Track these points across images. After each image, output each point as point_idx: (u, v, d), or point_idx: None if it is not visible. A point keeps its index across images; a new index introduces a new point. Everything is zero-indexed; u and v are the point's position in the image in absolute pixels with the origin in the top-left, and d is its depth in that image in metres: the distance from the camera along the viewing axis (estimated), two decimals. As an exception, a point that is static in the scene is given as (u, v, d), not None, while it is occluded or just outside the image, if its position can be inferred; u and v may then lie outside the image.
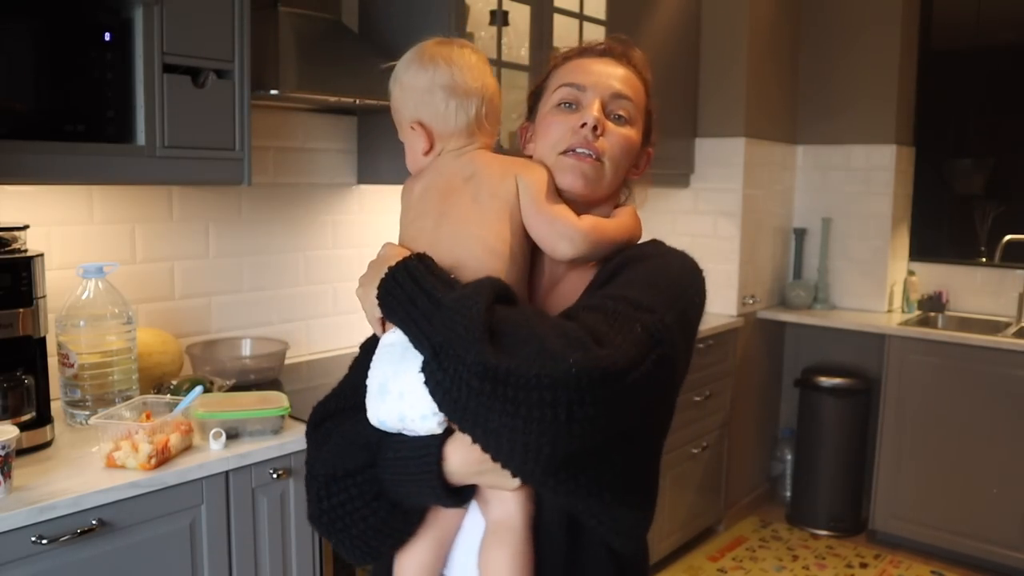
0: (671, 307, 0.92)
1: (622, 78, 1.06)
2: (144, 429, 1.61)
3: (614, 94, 1.05)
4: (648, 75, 1.11)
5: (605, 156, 1.03)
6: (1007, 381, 3.24)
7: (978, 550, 3.35)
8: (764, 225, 3.82)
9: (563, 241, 0.99)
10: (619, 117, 1.05)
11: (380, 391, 0.95)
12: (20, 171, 1.56)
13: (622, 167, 1.05)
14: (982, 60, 4.03)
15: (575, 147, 1.02)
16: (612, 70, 1.06)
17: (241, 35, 1.87)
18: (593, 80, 1.05)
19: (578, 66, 1.07)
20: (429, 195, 1.05)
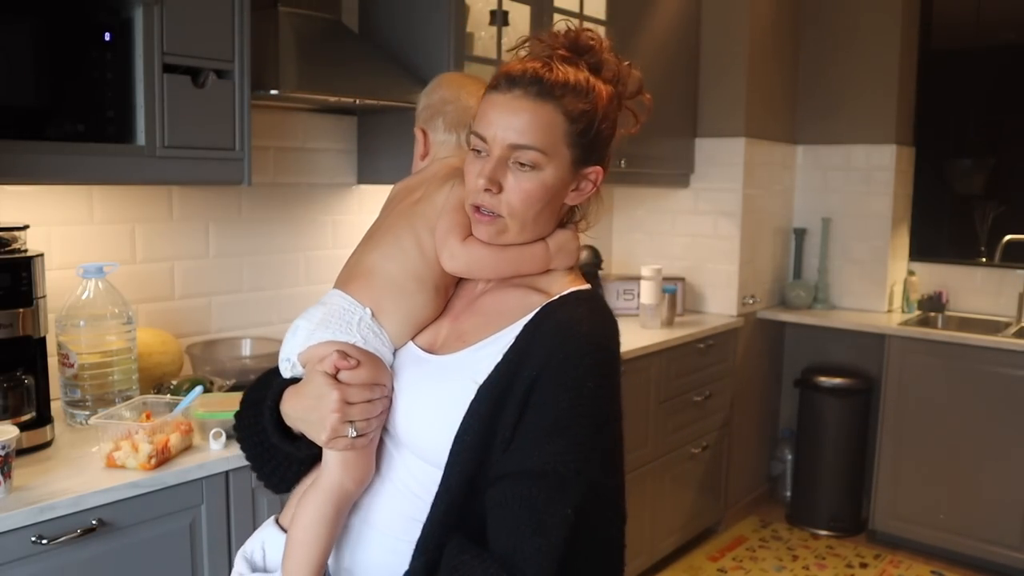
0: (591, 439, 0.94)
1: (523, 125, 0.98)
2: (144, 429, 1.61)
3: (511, 146, 0.99)
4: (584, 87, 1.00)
5: (504, 213, 1.01)
6: (1007, 381, 3.24)
7: (978, 550, 3.35)
8: (764, 225, 3.82)
9: (444, 254, 1.06)
10: (521, 165, 0.99)
11: (292, 327, 1.09)
12: (20, 171, 1.56)
13: (531, 215, 1.01)
14: (982, 60, 4.03)
15: (477, 205, 1.02)
16: (512, 118, 0.98)
17: (241, 35, 1.87)
18: (492, 132, 0.99)
19: (486, 107, 1.01)
20: (397, 194, 1.20)
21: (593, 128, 1.01)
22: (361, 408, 1.02)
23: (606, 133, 1.03)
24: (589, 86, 1.00)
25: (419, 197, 1.13)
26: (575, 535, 0.91)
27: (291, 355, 1.07)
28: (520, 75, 0.99)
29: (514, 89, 0.99)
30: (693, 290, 3.72)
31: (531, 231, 1.04)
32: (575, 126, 0.99)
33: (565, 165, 1.01)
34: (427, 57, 2.41)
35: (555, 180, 1.01)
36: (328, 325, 1.05)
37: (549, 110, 0.98)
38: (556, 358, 0.96)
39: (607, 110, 1.02)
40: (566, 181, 1.02)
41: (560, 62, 1.00)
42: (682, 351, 3.21)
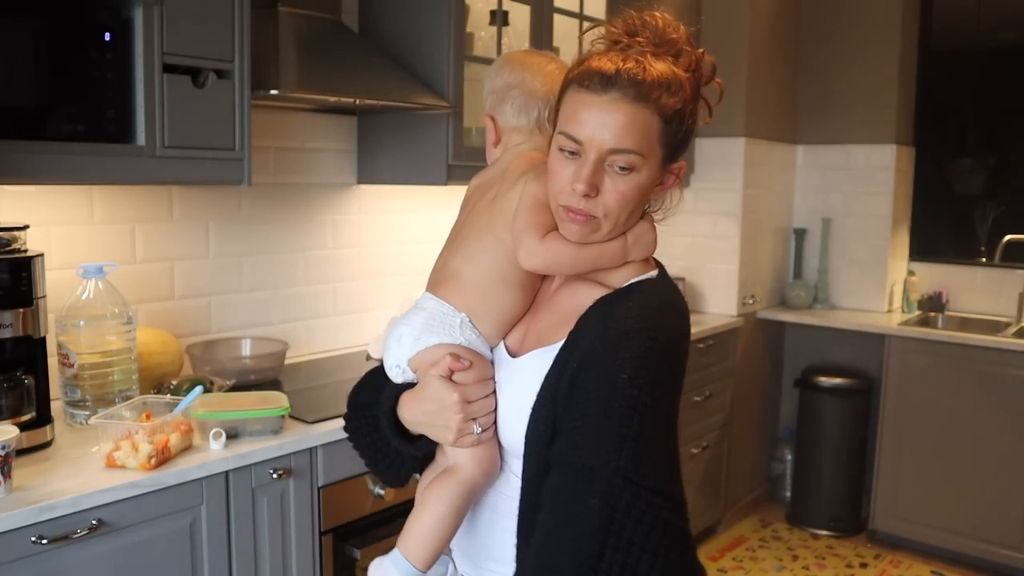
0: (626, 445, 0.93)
1: (620, 128, 0.96)
2: (144, 429, 1.61)
3: (610, 150, 0.97)
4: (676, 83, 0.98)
5: (600, 214, 1.01)
6: (1007, 381, 3.24)
7: (978, 550, 3.35)
8: (764, 225, 3.82)
9: (521, 252, 1.06)
10: (621, 168, 0.98)
11: (390, 328, 1.14)
12: (20, 171, 1.56)
13: (624, 215, 1.01)
14: (982, 60, 4.03)
15: (570, 206, 1.01)
16: (609, 118, 0.96)
17: (241, 35, 1.87)
18: (588, 134, 0.97)
19: (578, 108, 0.98)
20: (475, 191, 1.20)
21: (684, 125, 1.00)
22: (481, 404, 1.07)
23: (691, 127, 1.02)
24: (679, 82, 0.98)
25: (495, 195, 1.13)
26: (608, 523, 0.91)
27: (400, 361, 1.12)
28: (615, 76, 0.96)
29: (610, 91, 0.96)
30: (693, 290, 3.72)
31: (621, 229, 1.04)
32: (669, 126, 0.99)
33: (658, 164, 1.01)
34: (427, 57, 2.41)
35: (649, 180, 1.01)
36: (432, 329, 1.09)
37: (647, 113, 0.97)
38: (594, 350, 0.97)
39: (692, 103, 1.01)
40: (657, 179, 1.03)
41: (651, 58, 0.98)
42: (682, 351, 3.20)
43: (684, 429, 3.29)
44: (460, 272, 1.11)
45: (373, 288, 2.71)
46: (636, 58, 0.98)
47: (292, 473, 1.80)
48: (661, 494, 0.95)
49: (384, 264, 2.74)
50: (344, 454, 1.88)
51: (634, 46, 1.00)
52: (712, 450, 3.51)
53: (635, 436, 0.93)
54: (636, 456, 0.93)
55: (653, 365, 0.96)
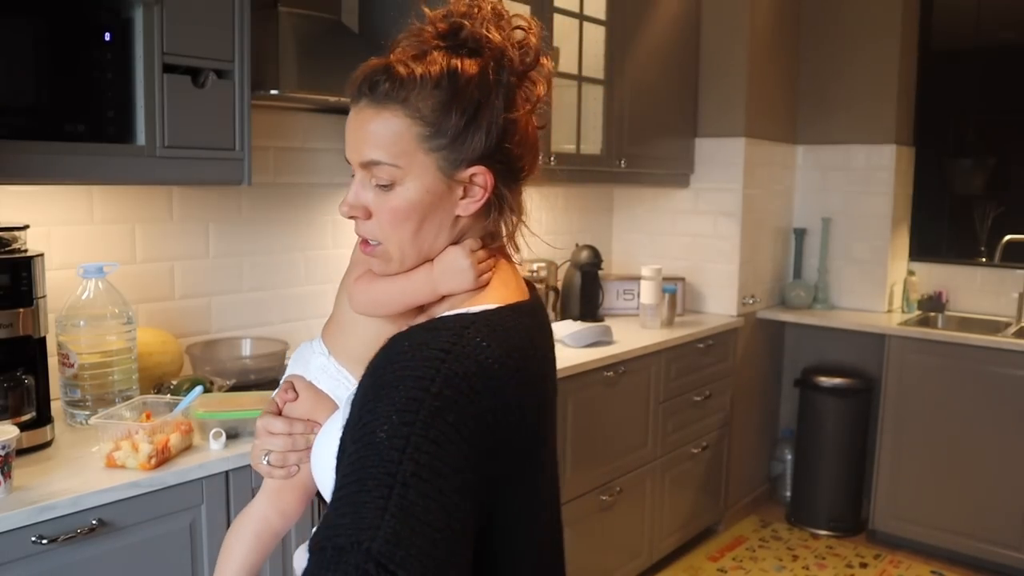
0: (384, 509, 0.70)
1: (371, 136, 0.85)
2: (144, 429, 1.61)
3: (363, 164, 0.87)
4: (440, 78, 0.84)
5: (379, 238, 0.89)
6: (1007, 381, 3.25)
7: (978, 550, 3.35)
8: (764, 225, 3.82)
9: (348, 297, 1.00)
10: (380, 185, 0.87)
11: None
12: (20, 171, 1.57)
13: (407, 235, 0.88)
14: (982, 60, 4.03)
15: (358, 234, 0.92)
16: (358, 132, 0.87)
17: (241, 35, 1.87)
18: (348, 151, 0.89)
19: (346, 125, 0.90)
20: None
21: (453, 123, 0.84)
22: (279, 440, 1.00)
23: (483, 123, 0.85)
24: (444, 75, 0.84)
25: None
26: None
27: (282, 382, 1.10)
28: (361, 80, 0.86)
29: (359, 100, 0.87)
30: (693, 290, 3.72)
31: (414, 253, 0.90)
32: (428, 128, 0.85)
33: (430, 174, 0.86)
34: (427, 57, 2.41)
35: (423, 193, 0.86)
36: (296, 362, 1.08)
37: (390, 116, 0.85)
38: (358, 401, 0.81)
39: (475, 96, 0.85)
40: (439, 192, 0.87)
41: (412, 57, 0.86)
42: (682, 351, 3.21)
43: (684, 429, 3.29)
44: (334, 310, 1.08)
45: (373, 288, 2.71)
46: (390, 58, 0.87)
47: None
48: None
49: (384, 264, 2.74)
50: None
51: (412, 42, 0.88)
52: (712, 450, 3.51)
53: (394, 511, 0.70)
54: (393, 537, 0.69)
55: (419, 421, 0.74)
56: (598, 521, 2.84)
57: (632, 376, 2.93)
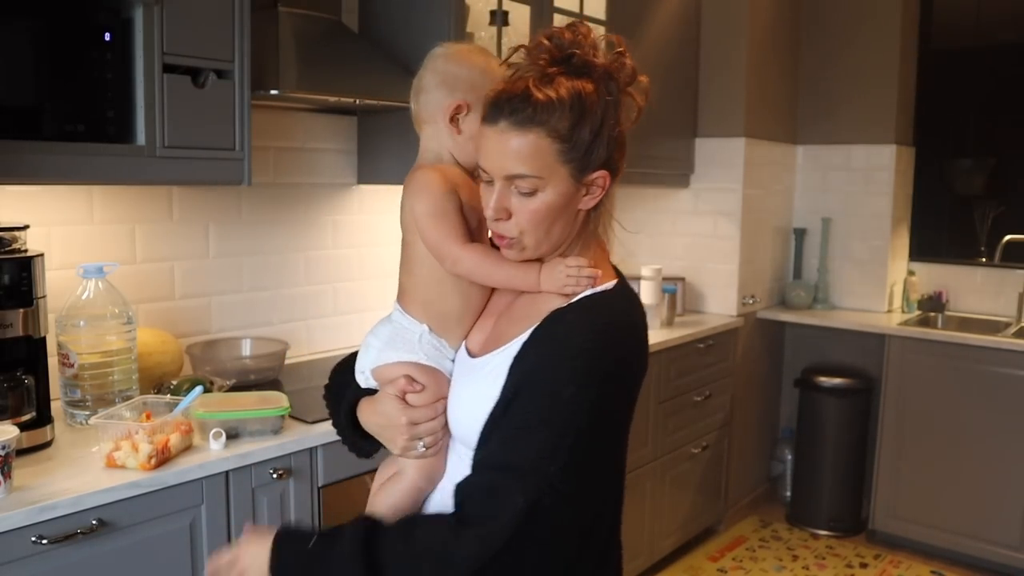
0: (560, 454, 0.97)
1: (512, 155, 1.01)
2: (144, 429, 1.61)
3: (508, 177, 1.03)
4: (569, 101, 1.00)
5: (516, 234, 1.06)
6: (1007, 381, 3.24)
7: (978, 550, 3.35)
8: (764, 225, 3.82)
9: (447, 261, 1.11)
10: (524, 192, 1.03)
11: (364, 344, 1.21)
12: (20, 171, 1.57)
13: (542, 230, 1.05)
14: (982, 60, 4.03)
15: (495, 232, 1.09)
16: (502, 150, 1.02)
17: (241, 35, 1.87)
18: (489, 164, 1.04)
19: (480, 140, 1.06)
20: None
21: (585, 138, 1.01)
22: (427, 426, 1.13)
23: (603, 133, 1.03)
24: (573, 98, 1.00)
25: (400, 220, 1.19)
26: (527, 528, 0.96)
27: (364, 369, 1.19)
28: (501, 105, 1.02)
29: (499, 121, 1.02)
30: (693, 290, 3.72)
31: (548, 244, 1.07)
32: (565, 144, 1.01)
33: (565, 180, 1.03)
34: (427, 57, 2.41)
35: (558, 197, 1.04)
36: (394, 344, 1.16)
37: (534, 137, 1.00)
38: (545, 363, 1.01)
39: (598, 114, 1.02)
40: (570, 194, 1.05)
41: (540, 81, 1.01)
42: (682, 351, 3.21)
43: (684, 429, 3.29)
44: (408, 283, 1.18)
45: (373, 288, 2.71)
46: (525, 84, 1.01)
47: (292, 473, 1.80)
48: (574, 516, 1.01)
49: (384, 264, 2.74)
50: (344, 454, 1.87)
51: (532, 68, 1.03)
52: (712, 450, 3.51)
53: (568, 447, 0.98)
54: (569, 468, 0.98)
55: (596, 384, 0.99)
56: (598, 521, 2.83)
57: (632, 376, 2.93)
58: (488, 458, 1.03)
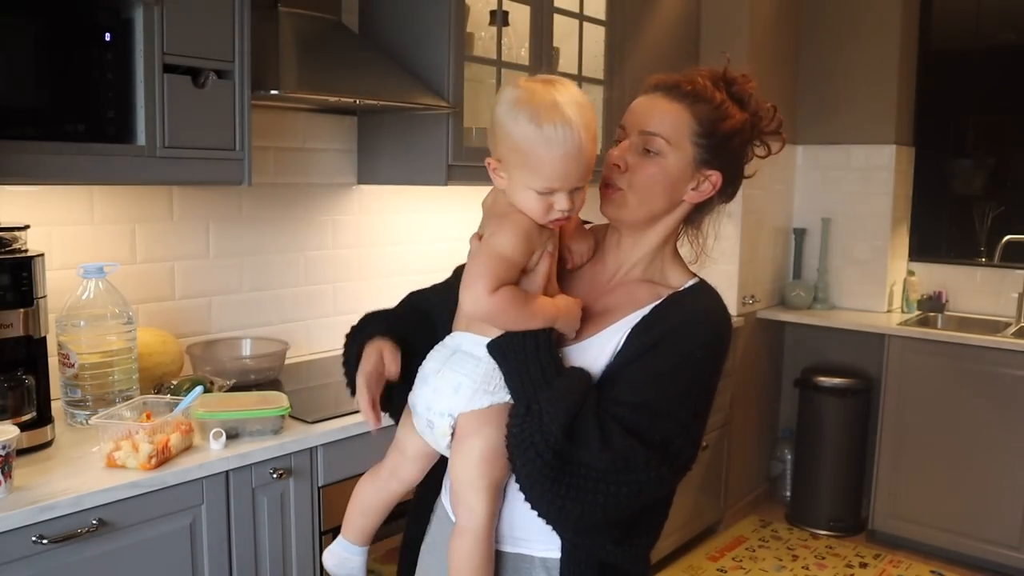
0: (686, 401, 1.09)
1: (654, 117, 1.15)
2: (144, 429, 1.61)
3: (641, 131, 1.15)
4: (717, 101, 1.15)
5: (624, 187, 1.15)
6: (1007, 381, 3.25)
7: (978, 550, 3.35)
8: (764, 225, 3.82)
9: (468, 296, 1.08)
10: (648, 150, 1.14)
11: (422, 378, 1.16)
12: (20, 171, 1.56)
13: (649, 196, 1.15)
14: (982, 60, 4.03)
15: (606, 179, 1.17)
16: (647, 110, 1.16)
17: (241, 35, 1.87)
18: (631, 120, 1.17)
19: (632, 107, 1.19)
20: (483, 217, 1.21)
21: (718, 135, 1.14)
22: None
23: (734, 147, 1.16)
24: (721, 102, 1.15)
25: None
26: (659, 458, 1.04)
27: (453, 411, 1.11)
28: (662, 82, 1.18)
29: (655, 92, 1.18)
30: (693, 290, 3.71)
31: (647, 210, 1.16)
32: (701, 127, 1.14)
33: (687, 159, 1.14)
34: (427, 57, 2.41)
35: (675, 169, 1.14)
36: (489, 385, 1.10)
37: (679, 108, 1.14)
38: (679, 328, 1.11)
39: (737, 129, 1.15)
40: (686, 175, 1.15)
41: (700, 79, 1.16)
42: (682, 351, 3.20)
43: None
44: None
45: (373, 288, 2.71)
46: (684, 75, 1.17)
47: (292, 473, 1.80)
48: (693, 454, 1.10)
49: (384, 264, 2.74)
50: (344, 454, 1.88)
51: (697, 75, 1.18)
52: (712, 450, 3.51)
53: (695, 398, 1.10)
54: (689, 419, 1.09)
55: (721, 355, 1.15)
56: (598, 521, 2.84)
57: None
58: (619, 396, 1.07)
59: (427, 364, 1.16)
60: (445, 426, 1.12)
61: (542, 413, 1.03)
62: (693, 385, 1.10)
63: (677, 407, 1.07)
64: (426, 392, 1.14)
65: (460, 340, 1.14)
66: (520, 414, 1.05)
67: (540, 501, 1.05)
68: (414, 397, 1.17)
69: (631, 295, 1.18)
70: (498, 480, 1.13)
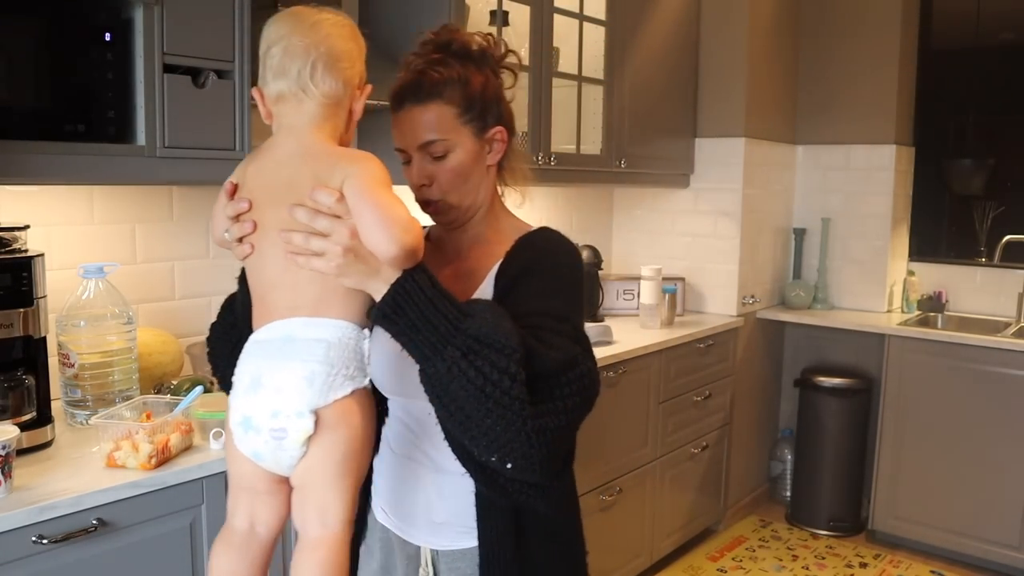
0: (574, 307, 1.16)
1: (423, 124, 1.18)
2: (144, 429, 1.61)
3: (419, 146, 1.19)
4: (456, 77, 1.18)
5: (442, 195, 1.20)
6: (1007, 381, 3.25)
7: (978, 550, 3.35)
8: (764, 225, 3.82)
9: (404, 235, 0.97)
10: (436, 157, 1.19)
11: (253, 385, 0.99)
12: (20, 171, 1.56)
13: (467, 185, 1.21)
14: (982, 60, 4.03)
15: (422, 200, 1.22)
16: (411, 125, 1.19)
17: (241, 35, 1.87)
18: (403, 141, 1.21)
19: (393, 128, 1.22)
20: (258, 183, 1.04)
21: (476, 100, 1.19)
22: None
23: (491, 97, 1.21)
24: (459, 74, 1.18)
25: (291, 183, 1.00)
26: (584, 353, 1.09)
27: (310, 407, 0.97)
28: (401, 90, 1.20)
29: (404, 104, 1.20)
30: (693, 290, 3.72)
31: (469, 197, 1.22)
32: (460, 107, 1.18)
33: (469, 139, 1.20)
34: (427, 57, 2.41)
35: (467, 155, 1.20)
36: (346, 366, 0.99)
37: (433, 106, 1.18)
38: (543, 255, 1.18)
39: (483, 83, 1.20)
40: (477, 150, 1.21)
41: (431, 67, 1.19)
42: (682, 351, 3.21)
43: (684, 429, 3.30)
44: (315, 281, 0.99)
45: (373, 288, 2.71)
46: (417, 70, 1.19)
47: (292, 473, 1.80)
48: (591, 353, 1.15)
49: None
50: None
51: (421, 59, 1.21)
52: (712, 450, 3.51)
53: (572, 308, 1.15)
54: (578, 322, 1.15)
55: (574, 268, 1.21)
56: (598, 521, 2.84)
57: (632, 376, 2.93)
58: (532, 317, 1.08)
59: (250, 367, 1.00)
60: (305, 428, 0.96)
61: (483, 348, 0.96)
62: (569, 296, 1.16)
63: (567, 313, 1.12)
64: (265, 397, 0.97)
65: (290, 328, 0.99)
66: (456, 359, 0.96)
67: (515, 440, 0.98)
68: (245, 410, 0.99)
69: (484, 255, 1.23)
70: (362, 475, 1.03)
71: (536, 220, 1.31)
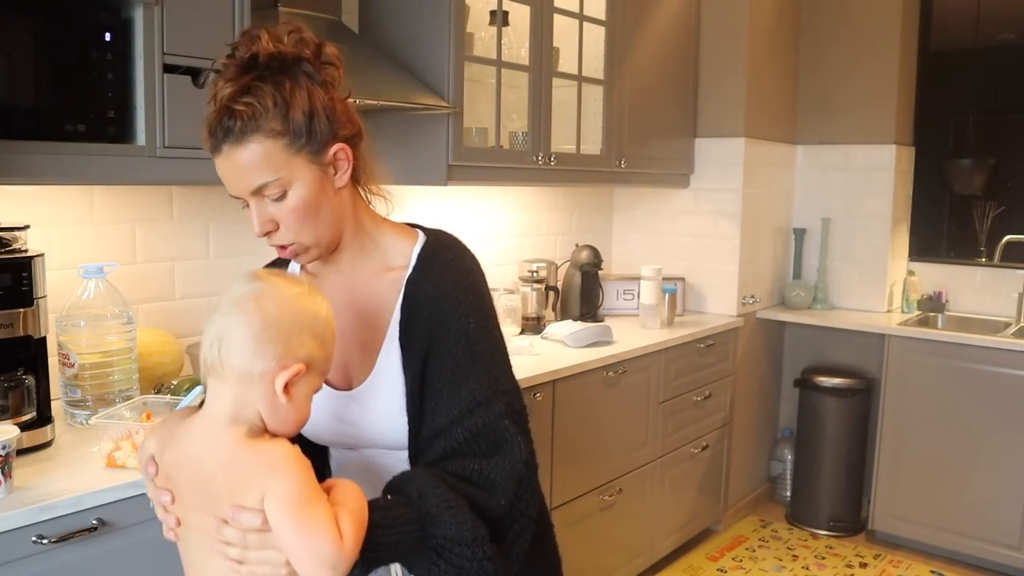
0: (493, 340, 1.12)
1: (249, 167, 1.03)
2: (144, 429, 1.61)
3: (252, 192, 1.05)
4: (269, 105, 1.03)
5: (293, 238, 1.08)
6: (1007, 381, 3.25)
7: (978, 550, 3.35)
8: (764, 225, 3.82)
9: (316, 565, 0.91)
10: (275, 199, 1.06)
11: None
12: (20, 171, 1.56)
13: (311, 222, 1.08)
14: (982, 60, 4.03)
15: (275, 247, 1.11)
16: (238, 167, 1.04)
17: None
18: (235, 188, 1.06)
19: (219, 173, 1.07)
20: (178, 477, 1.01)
21: (303, 125, 1.04)
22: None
23: (318, 111, 1.06)
24: (273, 99, 1.03)
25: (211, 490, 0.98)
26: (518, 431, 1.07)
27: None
28: (213, 130, 1.04)
29: (221, 148, 1.04)
30: (693, 290, 3.72)
31: (325, 232, 1.10)
32: (286, 137, 1.04)
33: (306, 168, 1.06)
34: (427, 57, 2.41)
35: (309, 187, 1.06)
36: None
37: (256, 145, 1.03)
38: (440, 319, 1.09)
39: (307, 100, 1.05)
40: (320, 177, 1.07)
41: (237, 94, 1.03)
42: (682, 351, 3.21)
43: (684, 429, 3.30)
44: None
45: (373, 288, 2.71)
46: (224, 104, 1.03)
47: (292, 473, 1.80)
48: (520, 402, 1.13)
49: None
50: (344, 454, 1.88)
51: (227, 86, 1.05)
52: (712, 450, 3.51)
53: (496, 358, 1.11)
54: (510, 380, 1.12)
55: (483, 304, 1.12)
56: (598, 521, 2.84)
57: (632, 376, 2.93)
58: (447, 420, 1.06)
59: None
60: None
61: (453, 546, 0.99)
62: (487, 350, 1.09)
63: (493, 380, 1.08)
64: None
65: None
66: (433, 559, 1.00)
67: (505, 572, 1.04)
68: None
69: (375, 296, 1.14)
70: None
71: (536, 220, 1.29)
